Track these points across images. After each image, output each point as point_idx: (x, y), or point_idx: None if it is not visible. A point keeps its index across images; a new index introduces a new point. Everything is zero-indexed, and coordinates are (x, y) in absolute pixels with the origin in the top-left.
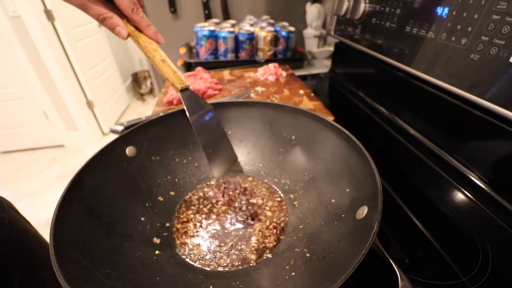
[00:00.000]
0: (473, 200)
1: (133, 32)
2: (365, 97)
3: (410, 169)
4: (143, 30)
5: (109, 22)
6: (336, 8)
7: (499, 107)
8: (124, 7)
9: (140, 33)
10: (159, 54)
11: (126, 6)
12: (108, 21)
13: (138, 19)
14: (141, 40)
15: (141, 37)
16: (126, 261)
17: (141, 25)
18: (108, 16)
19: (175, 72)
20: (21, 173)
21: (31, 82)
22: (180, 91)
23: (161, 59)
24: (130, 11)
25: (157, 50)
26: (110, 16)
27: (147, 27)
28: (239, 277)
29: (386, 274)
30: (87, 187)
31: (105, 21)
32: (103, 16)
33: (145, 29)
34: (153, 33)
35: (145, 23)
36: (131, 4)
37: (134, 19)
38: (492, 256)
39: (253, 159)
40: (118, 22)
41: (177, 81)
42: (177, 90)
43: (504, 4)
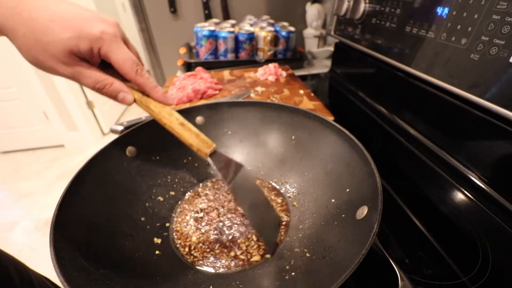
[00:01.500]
0: (473, 200)
1: (141, 98)
2: (365, 97)
3: (410, 169)
4: (150, 93)
5: (110, 89)
6: (336, 8)
7: (499, 107)
8: (127, 70)
9: (148, 98)
10: (175, 118)
11: (129, 68)
12: (108, 89)
13: (144, 81)
14: (152, 105)
15: (151, 102)
16: (126, 261)
17: (147, 88)
18: (107, 83)
19: (198, 135)
20: (21, 173)
21: (31, 82)
22: (208, 156)
23: (179, 123)
24: (134, 74)
25: (172, 114)
26: (110, 83)
27: (154, 89)
28: (239, 277)
29: (386, 274)
30: (87, 187)
31: (104, 89)
32: (102, 84)
33: (152, 91)
34: (161, 95)
35: (151, 84)
36: (134, 65)
37: (139, 83)
38: (492, 256)
39: (253, 159)
40: (121, 87)
41: (204, 145)
42: (205, 155)
43: (504, 4)
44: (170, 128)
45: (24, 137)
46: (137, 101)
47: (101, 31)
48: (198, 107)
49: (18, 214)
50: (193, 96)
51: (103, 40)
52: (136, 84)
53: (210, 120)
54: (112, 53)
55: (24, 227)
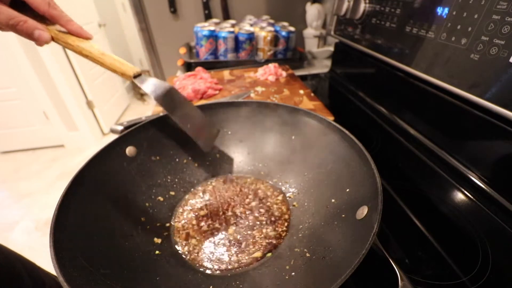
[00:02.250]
0: (473, 200)
1: (58, 34)
2: (365, 97)
3: (410, 169)
4: (65, 26)
5: (24, 26)
6: (336, 8)
7: (499, 107)
8: (38, 2)
9: (66, 34)
10: (96, 49)
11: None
12: (22, 26)
13: (57, 14)
14: (70, 40)
15: (69, 37)
16: (126, 261)
17: (62, 21)
18: (21, 19)
19: (120, 61)
20: (21, 173)
21: (31, 82)
22: (134, 78)
23: (100, 53)
24: (46, 6)
25: (93, 46)
26: (24, 20)
27: (69, 22)
28: (239, 277)
29: (386, 274)
30: (87, 187)
31: (18, 26)
32: (15, 20)
33: (67, 24)
34: (78, 28)
35: (66, 18)
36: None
37: (52, 15)
38: (492, 256)
39: (253, 159)
40: (36, 25)
41: (128, 69)
42: (130, 78)
43: (504, 4)
44: (92, 59)
45: (24, 137)
46: (54, 38)
47: None
48: (198, 107)
49: (18, 214)
50: (193, 96)
51: None
52: (50, 17)
53: (210, 120)
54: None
55: (24, 227)
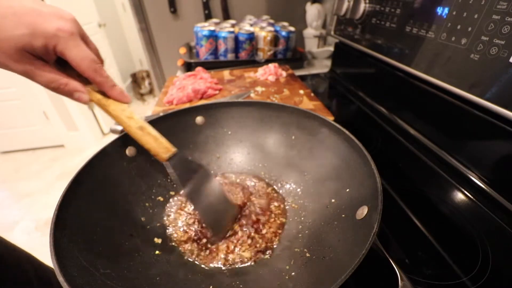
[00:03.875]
0: (473, 200)
1: (101, 100)
2: (365, 97)
3: (410, 169)
4: (108, 92)
5: (65, 89)
6: (336, 8)
7: (499, 107)
8: (85, 69)
9: (108, 100)
10: (135, 121)
11: (86, 67)
12: (63, 88)
13: (102, 80)
14: (111, 108)
15: (110, 105)
16: (126, 261)
17: (106, 87)
18: (62, 82)
19: (157, 139)
20: (21, 173)
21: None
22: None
23: (138, 127)
24: (92, 73)
25: (132, 118)
26: (65, 83)
27: (112, 88)
28: (239, 277)
29: (386, 274)
30: (87, 187)
31: (59, 89)
32: (56, 84)
33: (110, 90)
34: (119, 94)
35: (110, 83)
36: (93, 63)
37: (96, 81)
38: (492, 256)
39: (253, 159)
40: (77, 87)
41: (162, 150)
42: (163, 160)
43: (504, 4)
44: (129, 132)
45: (24, 137)
46: (95, 102)
47: (57, 28)
48: (198, 107)
49: (18, 214)
50: (193, 96)
51: (59, 38)
52: (94, 83)
53: (210, 120)
54: (68, 51)
55: (24, 227)
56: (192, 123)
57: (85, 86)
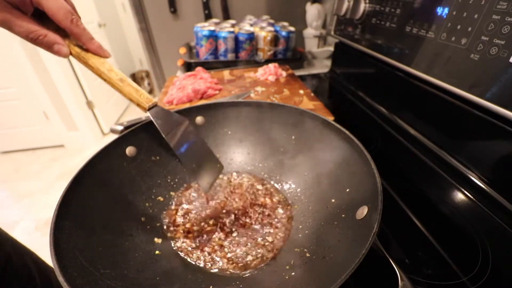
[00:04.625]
0: (473, 200)
1: (80, 53)
2: (365, 97)
3: (410, 169)
4: (86, 44)
5: (44, 40)
6: (336, 8)
7: (499, 107)
8: (61, 18)
9: (87, 53)
10: (115, 73)
11: (63, 16)
12: (42, 40)
13: (80, 31)
14: (90, 61)
15: (90, 58)
16: (126, 261)
17: (84, 39)
18: (41, 33)
19: (137, 90)
20: (21, 173)
21: (31, 82)
22: (148, 110)
23: (119, 79)
24: (69, 23)
25: (112, 70)
26: (44, 34)
27: (90, 40)
28: (239, 277)
29: (386, 274)
30: (87, 187)
31: (38, 40)
32: (35, 34)
33: (88, 42)
34: (98, 47)
35: (87, 36)
36: (69, 14)
37: (74, 32)
38: (492, 256)
39: (253, 159)
40: (56, 39)
41: (143, 100)
42: (144, 109)
43: (504, 4)
44: (110, 83)
45: (24, 137)
46: (75, 56)
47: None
48: (198, 107)
49: (18, 214)
50: (193, 96)
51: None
52: (72, 34)
53: (210, 120)
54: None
55: (24, 227)
56: (192, 123)
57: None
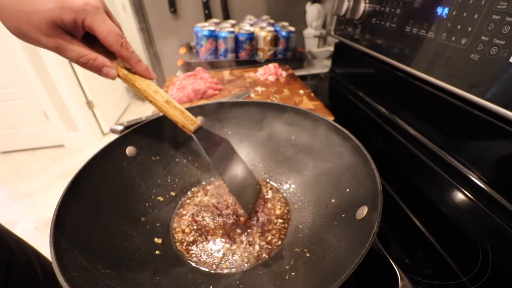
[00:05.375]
0: (473, 200)
1: (127, 75)
2: (365, 97)
3: (410, 169)
4: (134, 67)
5: (94, 64)
6: (336, 8)
7: (499, 107)
8: (112, 42)
9: (134, 75)
10: (161, 95)
11: (113, 40)
12: (92, 63)
13: (129, 55)
14: (137, 83)
15: (137, 80)
16: (126, 261)
17: (132, 62)
18: (91, 57)
19: (183, 112)
20: (21, 173)
21: (31, 82)
22: (193, 133)
23: (164, 101)
24: (119, 47)
25: (158, 92)
26: (94, 58)
27: (138, 63)
28: (239, 277)
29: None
30: (87, 187)
31: (88, 63)
32: (85, 58)
33: (136, 65)
34: (145, 70)
35: (135, 59)
36: (119, 37)
37: (123, 56)
38: (492, 256)
39: (253, 159)
40: (105, 62)
41: (188, 122)
42: (190, 132)
43: (504, 4)
44: (156, 105)
45: (24, 137)
46: (122, 78)
47: (84, 2)
48: (198, 107)
49: (18, 214)
50: (193, 96)
51: (87, 12)
52: (120, 57)
53: (210, 120)
54: (96, 24)
55: (24, 227)
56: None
57: (112, 61)
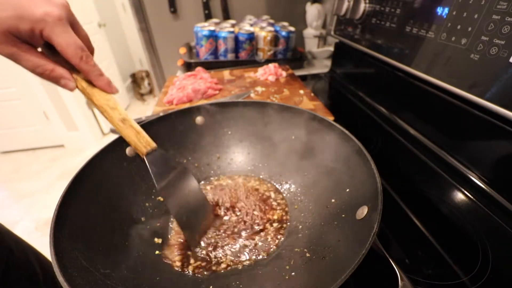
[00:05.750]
0: (473, 200)
1: (86, 88)
2: (365, 97)
3: (410, 169)
4: (94, 81)
5: (51, 74)
6: (336, 8)
7: (499, 107)
8: (71, 55)
9: (93, 89)
10: (118, 112)
11: (73, 53)
12: (48, 74)
13: (88, 68)
14: (95, 98)
15: (95, 95)
16: (126, 261)
17: (92, 76)
18: (47, 68)
19: (138, 133)
20: (21, 173)
21: (31, 82)
22: (145, 155)
23: (120, 119)
24: (78, 60)
25: (115, 108)
26: (50, 69)
27: (99, 77)
28: (239, 277)
29: (386, 274)
30: (87, 187)
31: (44, 74)
32: (41, 69)
33: (96, 80)
34: (106, 84)
35: (96, 72)
36: (79, 50)
37: (83, 69)
38: (492, 256)
39: (253, 159)
40: (63, 74)
41: (142, 144)
42: (142, 154)
43: (504, 4)
44: (111, 122)
45: (24, 137)
46: (80, 90)
47: (44, 12)
48: (198, 107)
49: (18, 214)
50: (193, 96)
51: (46, 22)
52: (80, 70)
53: (210, 120)
54: (55, 36)
55: (24, 227)
56: (192, 123)
57: (73, 73)
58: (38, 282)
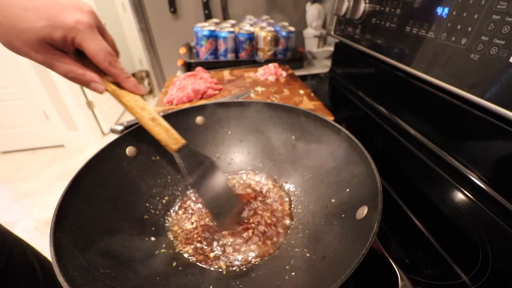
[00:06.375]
0: (473, 200)
1: (115, 90)
2: (365, 97)
3: (410, 169)
4: (122, 83)
5: (82, 79)
6: (336, 8)
7: (499, 107)
8: (100, 60)
9: (122, 91)
10: (147, 112)
11: (102, 59)
12: (80, 78)
13: (116, 72)
14: (125, 99)
15: (124, 96)
16: (126, 261)
17: (120, 78)
18: (79, 73)
19: (168, 130)
20: (21, 173)
21: (31, 82)
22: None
23: (150, 118)
24: (107, 65)
25: (144, 108)
26: (81, 73)
27: (127, 79)
28: (239, 277)
29: (386, 274)
30: (87, 187)
31: (76, 78)
32: (73, 73)
33: (124, 82)
34: (133, 85)
35: (124, 75)
36: (108, 56)
37: (112, 73)
38: (492, 256)
39: (253, 159)
40: (93, 78)
41: (172, 141)
42: (172, 151)
43: (504, 4)
44: (141, 122)
45: (24, 137)
46: (110, 92)
47: (75, 20)
48: (198, 107)
49: (18, 214)
50: (193, 96)
51: (77, 30)
52: (109, 74)
53: (210, 120)
54: (86, 43)
55: (24, 227)
56: (192, 123)
57: (102, 76)
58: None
